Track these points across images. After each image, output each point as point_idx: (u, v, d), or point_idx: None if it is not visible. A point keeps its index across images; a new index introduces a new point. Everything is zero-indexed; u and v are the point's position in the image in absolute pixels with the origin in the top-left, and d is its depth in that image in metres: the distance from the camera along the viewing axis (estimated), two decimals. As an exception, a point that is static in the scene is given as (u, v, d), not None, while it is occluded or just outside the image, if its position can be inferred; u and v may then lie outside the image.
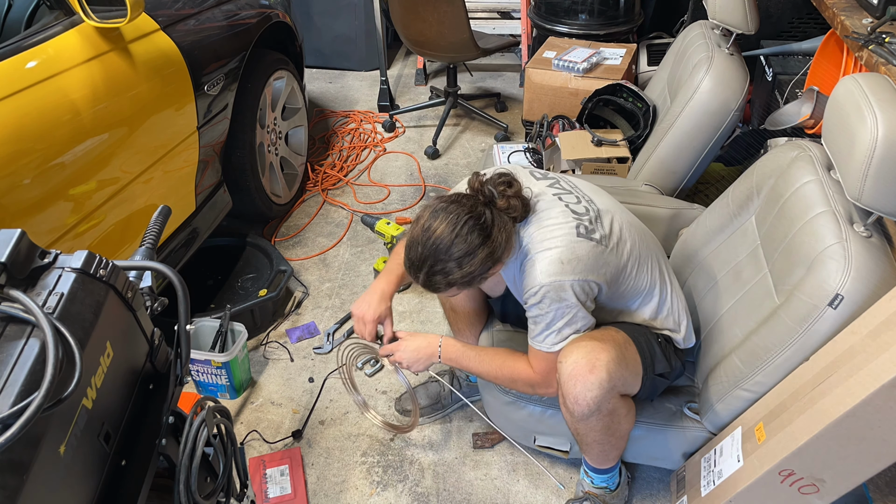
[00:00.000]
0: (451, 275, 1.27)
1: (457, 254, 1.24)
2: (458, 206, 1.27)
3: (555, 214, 1.35)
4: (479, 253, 1.25)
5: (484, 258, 1.26)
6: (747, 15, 1.90)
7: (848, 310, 1.23)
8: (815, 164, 1.43)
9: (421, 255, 1.27)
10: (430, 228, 1.26)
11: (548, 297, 1.31)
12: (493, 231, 1.26)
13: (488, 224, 1.26)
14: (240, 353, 1.94)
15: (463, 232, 1.24)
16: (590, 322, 1.37)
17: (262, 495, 1.69)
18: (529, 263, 1.33)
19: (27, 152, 1.44)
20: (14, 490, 0.62)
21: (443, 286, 1.30)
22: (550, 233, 1.33)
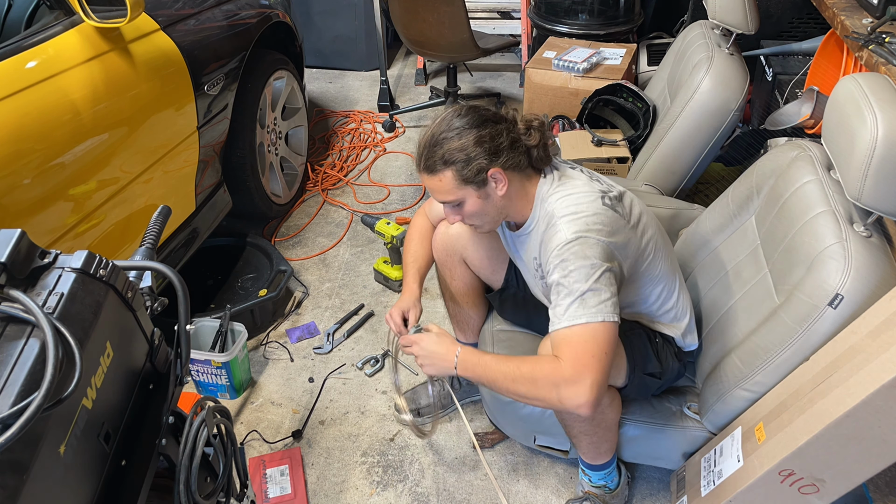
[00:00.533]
0: (446, 145, 1.28)
1: (456, 124, 1.30)
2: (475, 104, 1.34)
3: (580, 185, 1.34)
4: (478, 131, 1.28)
5: (479, 139, 1.27)
6: (747, 15, 1.90)
7: (848, 309, 1.22)
8: (815, 163, 1.43)
9: (428, 133, 1.33)
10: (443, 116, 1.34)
11: (572, 253, 1.25)
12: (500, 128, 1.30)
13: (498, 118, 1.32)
14: (240, 353, 1.94)
15: (468, 114, 1.31)
16: (614, 301, 1.24)
17: (262, 495, 1.69)
18: (553, 228, 1.30)
19: (27, 152, 1.44)
20: (14, 490, 0.62)
21: (439, 162, 1.30)
22: (576, 200, 1.31)
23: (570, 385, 1.21)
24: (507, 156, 1.30)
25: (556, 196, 1.34)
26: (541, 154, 1.35)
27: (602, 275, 1.24)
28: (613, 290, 1.26)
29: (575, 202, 1.31)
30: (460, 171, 1.29)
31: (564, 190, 1.34)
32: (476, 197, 1.33)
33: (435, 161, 1.30)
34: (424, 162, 1.32)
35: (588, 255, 1.25)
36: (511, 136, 1.31)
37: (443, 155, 1.29)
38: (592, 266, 1.24)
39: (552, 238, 1.29)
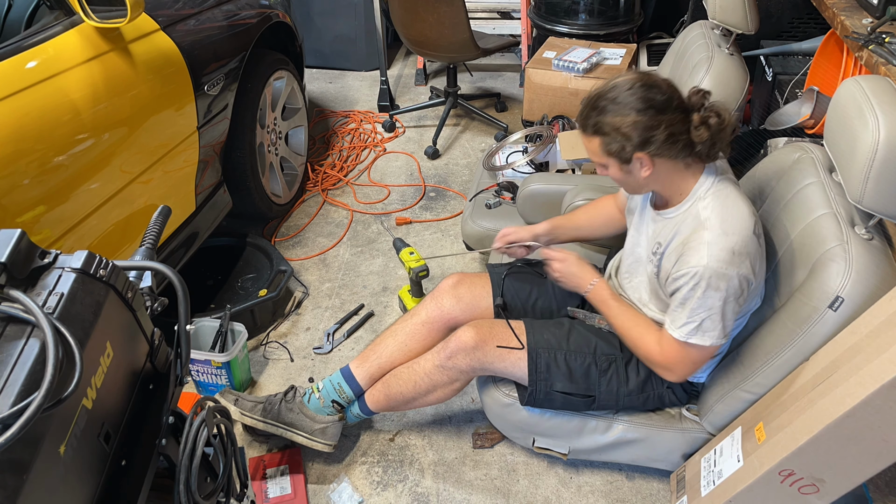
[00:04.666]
0: (605, 116, 1.29)
1: (621, 99, 1.27)
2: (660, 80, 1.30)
3: (740, 202, 1.32)
4: (636, 116, 1.26)
5: (635, 124, 1.26)
6: (747, 15, 1.90)
7: (848, 312, 1.22)
8: (816, 166, 1.43)
9: (595, 93, 1.33)
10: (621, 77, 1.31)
11: (707, 281, 1.27)
12: (661, 119, 1.26)
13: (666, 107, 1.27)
14: (240, 353, 1.94)
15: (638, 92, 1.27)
16: (728, 328, 1.33)
17: (262, 495, 1.69)
18: (701, 238, 1.28)
19: (27, 152, 1.44)
20: (14, 490, 0.62)
21: (591, 127, 1.32)
22: (732, 218, 1.30)
23: (661, 369, 1.44)
24: (658, 146, 1.28)
25: (713, 203, 1.31)
26: (706, 151, 1.31)
27: (726, 306, 1.30)
28: (731, 317, 1.33)
29: (731, 219, 1.29)
30: (608, 143, 1.31)
31: (724, 200, 1.31)
32: (618, 168, 1.35)
33: (589, 124, 1.33)
34: (582, 120, 1.35)
35: (720, 287, 1.28)
36: (670, 130, 1.26)
37: (597, 123, 1.31)
38: (721, 298, 1.29)
39: (695, 251, 1.29)
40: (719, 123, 1.29)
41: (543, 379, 1.52)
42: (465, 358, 1.56)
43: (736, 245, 1.27)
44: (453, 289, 1.72)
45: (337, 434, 1.72)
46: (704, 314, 1.30)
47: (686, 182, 1.35)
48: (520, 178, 2.34)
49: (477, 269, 2.50)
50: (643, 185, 1.38)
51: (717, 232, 1.28)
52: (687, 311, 1.32)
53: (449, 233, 2.71)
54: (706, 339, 1.32)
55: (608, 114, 1.28)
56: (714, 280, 1.27)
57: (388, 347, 1.71)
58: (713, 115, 1.29)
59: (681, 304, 1.33)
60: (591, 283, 1.54)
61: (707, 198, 1.33)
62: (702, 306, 1.30)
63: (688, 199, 1.36)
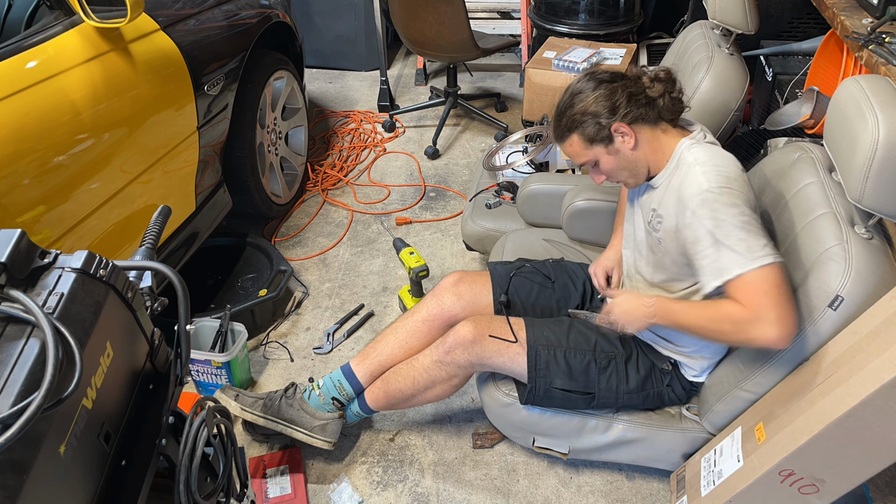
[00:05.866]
0: (571, 108, 1.38)
1: (578, 88, 1.39)
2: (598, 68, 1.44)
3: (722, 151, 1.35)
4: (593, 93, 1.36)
5: (595, 99, 1.35)
6: (747, 15, 1.90)
7: (847, 311, 1.22)
8: (816, 165, 1.43)
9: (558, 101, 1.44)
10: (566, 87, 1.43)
11: (719, 201, 1.23)
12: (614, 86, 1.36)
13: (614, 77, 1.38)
14: (240, 353, 1.94)
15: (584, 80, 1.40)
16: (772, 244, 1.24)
17: (262, 495, 1.69)
18: (693, 173, 1.30)
19: (27, 152, 1.44)
20: (14, 490, 0.62)
21: (565, 127, 1.41)
22: (720, 156, 1.32)
23: (753, 323, 1.22)
24: (626, 109, 1.34)
25: (697, 149, 1.34)
26: (667, 104, 1.37)
27: (754, 220, 1.25)
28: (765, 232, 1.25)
29: (718, 156, 1.32)
30: (584, 132, 1.38)
31: (708, 147, 1.35)
32: (607, 154, 1.40)
33: (562, 130, 1.42)
34: (554, 132, 1.44)
35: (736, 203, 1.25)
36: (628, 91, 1.35)
37: (568, 120, 1.39)
38: (743, 213, 1.24)
39: (692, 184, 1.28)
40: (667, 75, 1.38)
41: (543, 376, 1.52)
42: (463, 352, 1.56)
43: (730, 173, 1.28)
44: (454, 286, 1.72)
45: (337, 431, 1.73)
46: (742, 233, 1.22)
47: (666, 145, 1.39)
48: (520, 178, 2.34)
49: (477, 269, 2.50)
50: (636, 162, 1.40)
51: (707, 163, 1.30)
52: (725, 247, 1.23)
53: (449, 233, 2.71)
54: (766, 257, 1.21)
55: (571, 108, 1.38)
56: (724, 197, 1.24)
57: (389, 345, 1.71)
58: (659, 71, 1.39)
59: (714, 242, 1.24)
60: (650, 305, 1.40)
61: (690, 149, 1.35)
62: (734, 226, 1.22)
63: (672, 158, 1.38)
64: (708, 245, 1.26)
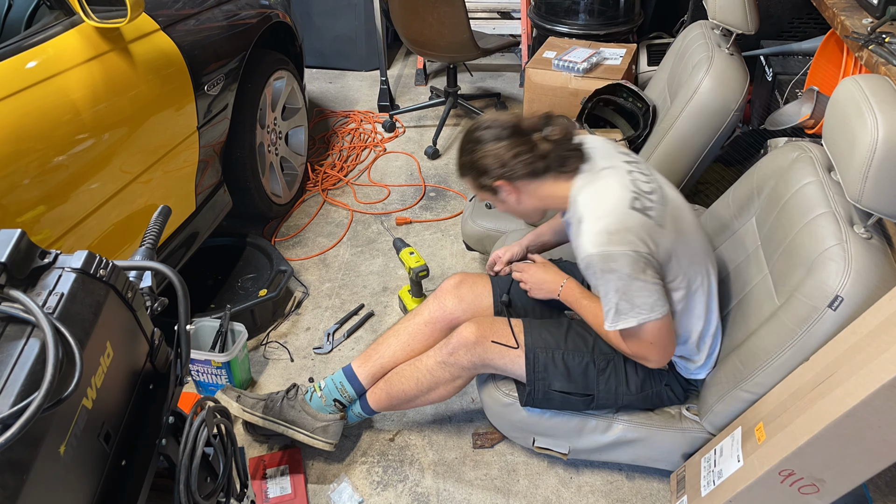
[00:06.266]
0: (465, 156, 1.46)
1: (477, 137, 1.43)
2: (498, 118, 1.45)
3: (613, 184, 1.36)
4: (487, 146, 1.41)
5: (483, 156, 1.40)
6: (747, 15, 1.90)
7: (847, 311, 1.22)
8: (815, 165, 1.43)
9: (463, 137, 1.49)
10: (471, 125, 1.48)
11: (596, 267, 1.31)
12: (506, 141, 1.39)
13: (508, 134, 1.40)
14: (240, 353, 1.94)
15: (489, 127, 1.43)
16: (655, 299, 1.32)
17: (262, 495, 1.69)
18: (580, 231, 1.34)
19: (27, 152, 1.44)
20: (14, 490, 0.62)
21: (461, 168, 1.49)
22: (602, 202, 1.34)
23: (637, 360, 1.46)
24: (508, 169, 1.39)
25: (585, 195, 1.37)
26: (555, 160, 1.39)
27: (631, 284, 1.30)
28: (651, 290, 1.32)
29: (601, 202, 1.34)
30: (474, 180, 1.47)
31: (594, 188, 1.38)
32: (496, 199, 1.49)
33: (460, 168, 1.50)
34: (458, 169, 1.52)
35: (612, 269, 1.30)
36: (515, 151, 1.38)
37: (462, 165, 1.48)
38: (618, 278, 1.30)
39: (579, 245, 1.35)
40: (562, 133, 1.40)
41: (541, 379, 1.52)
42: (466, 354, 1.56)
43: (610, 225, 1.30)
44: (455, 289, 1.72)
45: (338, 433, 1.73)
46: (615, 297, 1.32)
47: (562, 192, 1.42)
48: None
49: (477, 269, 2.50)
50: (524, 210, 1.49)
51: (590, 219, 1.33)
52: (605, 301, 1.35)
53: (449, 233, 2.71)
54: (631, 320, 1.33)
55: (466, 154, 1.45)
56: (601, 263, 1.30)
57: (391, 347, 1.72)
58: (556, 129, 1.41)
59: (604, 300, 1.36)
60: (560, 284, 1.57)
61: (581, 194, 1.38)
62: (608, 292, 1.33)
63: (570, 203, 1.41)
64: (601, 296, 1.37)
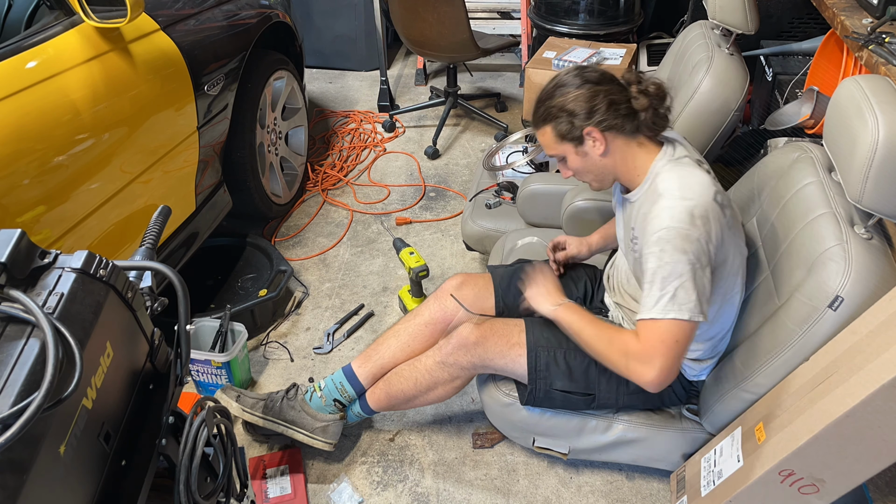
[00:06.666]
0: (550, 100, 1.37)
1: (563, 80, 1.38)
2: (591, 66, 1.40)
3: (698, 173, 1.33)
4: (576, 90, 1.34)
5: (576, 98, 1.33)
6: (747, 15, 1.90)
7: (847, 312, 1.22)
8: (816, 165, 1.43)
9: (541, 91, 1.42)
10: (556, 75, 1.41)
11: (671, 243, 1.25)
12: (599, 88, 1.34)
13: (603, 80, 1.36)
14: (240, 353, 1.94)
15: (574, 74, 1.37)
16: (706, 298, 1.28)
17: (262, 495, 1.69)
18: (659, 206, 1.29)
19: (27, 152, 1.44)
20: (14, 490, 0.62)
21: (541, 116, 1.40)
22: (689, 184, 1.30)
23: (638, 362, 1.31)
24: (603, 116, 1.32)
25: (670, 175, 1.33)
26: (649, 119, 1.34)
27: (695, 272, 1.26)
28: (703, 287, 1.28)
29: (688, 185, 1.30)
30: (557, 126, 1.37)
31: (680, 171, 1.33)
32: (574, 154, 1.39)
33: (539, 117, 1.41)
34: (533, 117, 1.43)
35: (685, 249, 1.25)
36: (610, 98, 1.32)
37: (544, 111, 1.38)
38: (689, 262, 1.26)
39: (656, 218, 1.29)
40: (658, 90, 1.35)
41: (543, 377, 1.52)
42: (465, 354, 1.56)
43: (695, 208, 1.26)
44: (457, 290, 1.72)
45: (337, 433, 1.73)
46: (676, 282, 1.26)
47: (643, 161, 1.37)
48: (520, 178, 2.34)
49: (477, 269, 2.50)
50: (603, 169, 1.40)
51: (675, 197, 1.28)
52: (658, 285, 1.27)
53: (449, 233, 2.71)
54: (684, 312, 1.26)
55: (552, 99, 1.37)
56: (678, 241, 1.25)
57: (391, 348, 1.71)
58: (650, 84, 1.35)
59: (650, 281, 1.29)
60: (557, 303, 1.49)
61: (664, 171, 1.34)
62: (672, 273, 1.26)
63: (647, 177, 1.37)
64: (647, 280, 1.30)
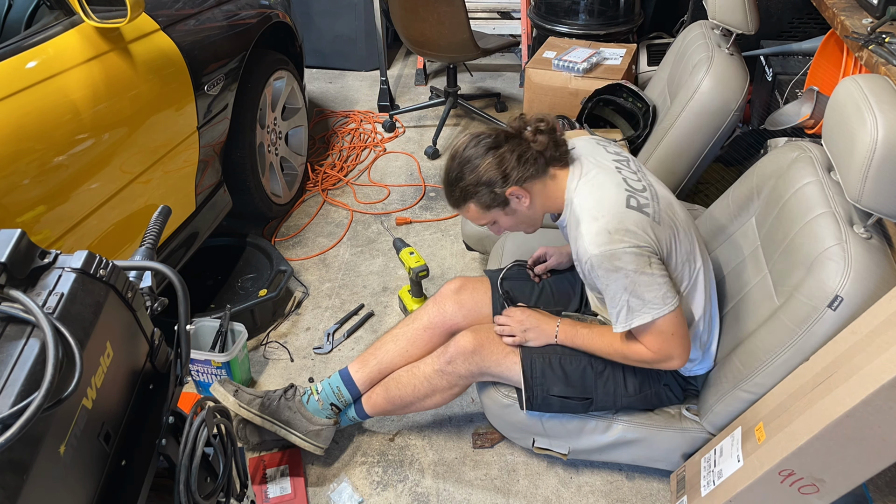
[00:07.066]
0: (463, 181, 1.39)
1: (466, 157, 1.39)
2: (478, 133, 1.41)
3: (607, 184, 1.36)
4: (486, 159, 1.36)
5: (487, 168, 1.36)
6: (747, 15, 1.90)
7: (847, 311, 1.22)
8: (815, 165, 1.43)
9: (444, 173, 1.44)
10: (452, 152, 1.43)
11: (601, 267, 1.30)
12: (504, 147, 1.36)
13: (500, 141, 1.38)
14: (240, 353, 1.94)
15: (473, 145, 1.39)
16: (664, 291, 1.31)
17: (262, 495, 1.69)
18: (579, 232, 1.34)
19: (27, 152, 1.44)
20: (14, 490, 0.62)
21: (459, 197, 1.42)
22: (598, 202, 1.34)
23: (663, 363, 1.41)
24: (518, 173, 1.36)
25: (582, 198, 1.37)
26: (553, 154, 1.39)
27: (639, 279, 1.30)
28: (659, 283, 1.31)
29: (596, 203, 1.34)
30: (480, 200, 1.40)
31: (589, 189, 1.37)
32: (504, 216, 1.44)
33: (457, 198, 1.43)
34: (449, 200, 1.46)
35: (617, 267, 1.29)
36: (517, 153, 1.37)
37: (461, 191, 1.40)
38: (627, 274, 1.29)
39: (580, 248, 1.34)
40: (547, 124, 1.40)
41: (540, 384, 1.52)
42: (464, 363, 1.56)
43: (609, 224, 1.30)
44: (456, 294, 1.72)
45: (329, 438, 1.72)
46: (624, 296, 1.32)
47: (560, 190, 1.42)
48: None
49: (477, 269, 2.50)
50: (532, 216, 1.46)
51: (588, 220, 1.33)
52: (614, 302, 1.34)
53: (449, 233, 2.71)
54: (644, 316, 1.32)
55: (464, 178, 1.39)
56: (606, 262, 1.30)
57: (389, 353, 1.71)
58: (538, 122, 1.40)
59: (609, 299, 1.35)
60: (556, 325, 1.53)
61: (576, 195, 1.38)
62: (616, 291, 1.32)
63: (566, 202, 1.41)
64: (608, 297, 1.36)
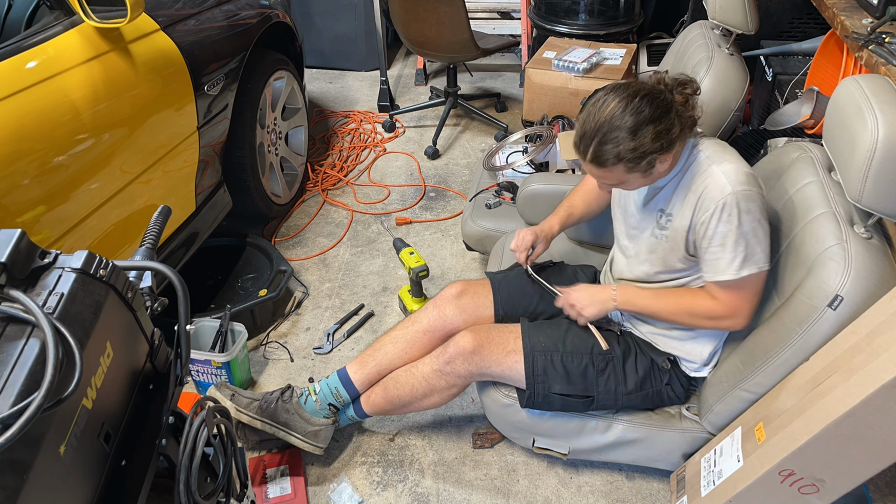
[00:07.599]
0: (621, 145, 1.26)
1: (629, 123, 1.25)
2: (637, 84, 1.30)
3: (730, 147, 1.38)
4: (653, 127, 1.25)
5: (655, 134, 1.26)
6: (747, 15, 1.90)
7: (847, 311, 1.22)
8: (815, 165, 1.43)
9: (594, 125, 1.28)
10: (605, 101, 1.28)
11: (737, 206, 1.28)
12: (671, 111, 1.28)
13: (667, 102, 1.28)
14: (240, 353, 1.94)
15: (639, 104, 1.26)
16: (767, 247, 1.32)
17: (262, 495, 1.69)
18: (710, 175, 1.31)
19: (27, 152, 1.44)
20: (14, 490, 0.62)
21: (611, 158, 1.28)
22: (732, 153, 1.35)
23: (728, 320, 1.39)
24: (679, 143, 1.32)
25: (709, 148, 1.36)
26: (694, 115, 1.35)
27: (759, 228, 1.31)
28: (767, 239, 1.33)
29: (732, 153, 1.36)
30: (633, 166, 1.30)
31: (715, 142, 1.38)
32: (641, 177, 1.35)
33: (607, 158, 1.29)
34: (593, 155, 1.30)
35: (751, 210, 1.30)
36: (679, 125, 1.29)
37: (617, 154, 1.28)
38: (754, 220, 1.30)
39: (711, 185, 1.32)
40: (692, 85, 1.35)
41: (541, 382, 1.52)
42: (463, 363, 1.56)
43: (747, 168, 1.32)
44: (456, 298, 1.71)
45: (328, 438, 1.72)
46: (742, 242, 1.30)
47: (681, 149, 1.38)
48: (520, 178, 2.34)
49: (477, 269, 2.50)
50: (660, 177, 1.39)
51: (724, 162, 1.33)
52: (730, 247, 1.31)
53: (449, 233, 2.71)
54: (753, 267, 1.32)
55: (623, 141, 1.26)
56: (743, 203, 1.29)
57: (388, 354, 1.71)
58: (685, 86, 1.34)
59: (721, 245, 1.32)
60: (612, 292, 1.51)
61: (698, 148, 1.37)
62: (742, 235, 1.30)
63: (688, 150, 1.39)
64: (717, 244, 1.33)
